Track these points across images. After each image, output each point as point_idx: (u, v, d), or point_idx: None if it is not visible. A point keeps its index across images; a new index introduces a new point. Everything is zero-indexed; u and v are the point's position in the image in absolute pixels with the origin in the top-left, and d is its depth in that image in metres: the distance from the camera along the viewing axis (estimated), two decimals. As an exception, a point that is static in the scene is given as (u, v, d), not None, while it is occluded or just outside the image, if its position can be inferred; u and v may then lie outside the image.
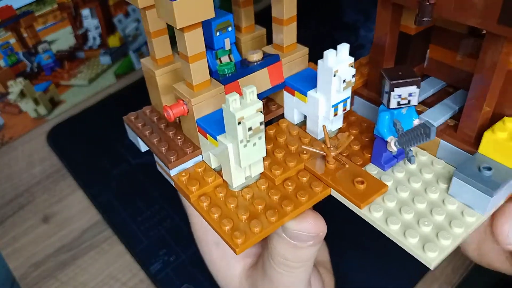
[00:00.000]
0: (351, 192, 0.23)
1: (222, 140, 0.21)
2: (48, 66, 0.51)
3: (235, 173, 0.22)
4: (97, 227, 0.47)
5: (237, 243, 0.20)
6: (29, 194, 0.49)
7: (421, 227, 0.21)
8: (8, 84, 0.48)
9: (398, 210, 0.22)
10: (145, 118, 0.27)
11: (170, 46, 0.25)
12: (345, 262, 0.44)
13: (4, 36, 0.45)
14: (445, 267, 0.45)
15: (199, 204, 0.23)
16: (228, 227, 0.21)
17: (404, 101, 0.20)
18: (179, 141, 0.25)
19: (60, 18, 0.48)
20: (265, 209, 0.22)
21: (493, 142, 0.19)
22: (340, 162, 0.23)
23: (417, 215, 0.21)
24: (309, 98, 0.23)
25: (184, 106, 0.22)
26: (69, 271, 0.44)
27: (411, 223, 0.21)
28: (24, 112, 0.52)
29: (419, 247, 0.21)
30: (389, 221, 0.22)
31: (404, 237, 0.22)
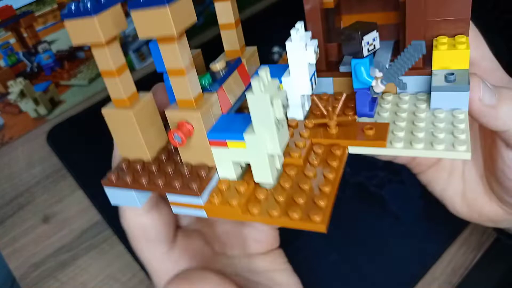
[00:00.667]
0: (369, 139, 0.23)
1: (252, 134, 0.19)
2: (48, 66, 0.51)
3: (271, 166, 0.21)
4: (97, 227, 0.47)
5: (321, 221, 0.19)
6: (29, 194, 0.49)
7: (437, 136, 0.23)
8: (8, 84, 0.48)
9: (410, 134, 0.24)
10: (127, 171, 0.22)
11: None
12: (345, 262, 0.44)
13: (4, 36, 0.45)
14: (445, 267, 0.45)
15: (249, 214, 0.20)
16: (298, 215, 0.19)
17: (371, 46, 0.23)
18: (186, 171, 0.21)
19: (60, 18, 0.48)
20: (310, 189, 0.21)
21: (440, 56, 0.24)
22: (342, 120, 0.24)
23: (425, 130, 0.24)
24: (284, 84, 0.24)
25: (188, 125, 0.20)
26: (69, 271, 0.44)
27: (427, 137, 0.23)
28: (24, 112, 0.52)
29: (449, 149, 0.22)
30: (413, 143, 0.23)
31: (433, 148, 0.23)
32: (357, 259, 0.44)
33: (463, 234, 0.47)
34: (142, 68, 0.60)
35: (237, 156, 0.20)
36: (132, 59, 0.58)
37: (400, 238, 0.46)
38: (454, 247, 0.46)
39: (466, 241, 0.47)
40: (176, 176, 0.21)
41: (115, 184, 0.22)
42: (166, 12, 0.17)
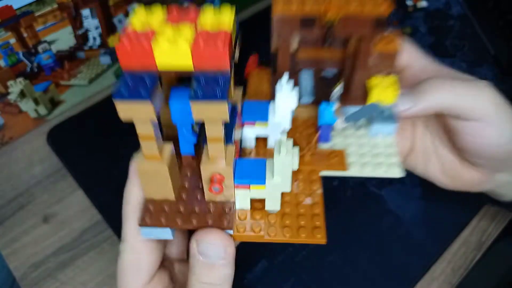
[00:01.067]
0: (335, 165, 0.29)
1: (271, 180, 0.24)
2: (48, 66, 0.51)
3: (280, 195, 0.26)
4: (97, 227, 0.47)
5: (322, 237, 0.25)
6: (29, 194, 0.49)
7: (377, 160, 0.30)
8: (8, 84, 0.48)
9: (359, 158, 0.30)
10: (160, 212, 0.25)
11: None
12: (345, 262, 0.44)
13: (4, 36, 0.45)
14: (445, 267, 0.45)
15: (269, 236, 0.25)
16: (304, 235, 0.25)
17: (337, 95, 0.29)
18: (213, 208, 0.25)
19: (60, 18, 0.48)
20: (306, 212, 0.26)
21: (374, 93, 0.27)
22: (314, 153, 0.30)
23: (369, 155, 0.30)
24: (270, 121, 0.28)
25: (220, 176, 0.23)
26: (69, 271, 0.44)
27: (371, 160, 0.30)
28: (24, 112, 0.52)
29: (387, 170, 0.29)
30: (363, 168, 0.29)
31: (378, 169, 0.29)
32: (357, 259, 0.44)
33: (462, 234, 0.47)
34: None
35: (256, 194, 0.25)
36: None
37: (400, 238, 0.46)
38: (453, 247, 0.46)
39: (465, 241, 0.47)
40: (205, 213, 0.24)
41: (151, 224, 0.24)
42: (225, 105, 0.20)
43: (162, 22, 0.21)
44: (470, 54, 0.61)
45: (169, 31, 0.20)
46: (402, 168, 0.30)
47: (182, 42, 0.19)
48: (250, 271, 0.44)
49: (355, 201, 0.48)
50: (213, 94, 0.20)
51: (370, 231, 0.46)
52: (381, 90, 0.27)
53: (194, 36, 0.20)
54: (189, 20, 0.21)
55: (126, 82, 0.21)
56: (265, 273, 0.44)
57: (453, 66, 0.62)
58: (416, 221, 0.47)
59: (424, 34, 0.64)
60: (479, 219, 0.48)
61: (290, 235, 0.25)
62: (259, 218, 0.26)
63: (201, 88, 0.20)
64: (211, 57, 0.20)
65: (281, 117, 0.27)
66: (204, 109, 0.20)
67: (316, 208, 0.26)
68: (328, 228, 0.29)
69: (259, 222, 0.26)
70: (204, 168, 0.23)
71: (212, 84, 0.20)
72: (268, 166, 0.25)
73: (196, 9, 0.21)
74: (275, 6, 0.27)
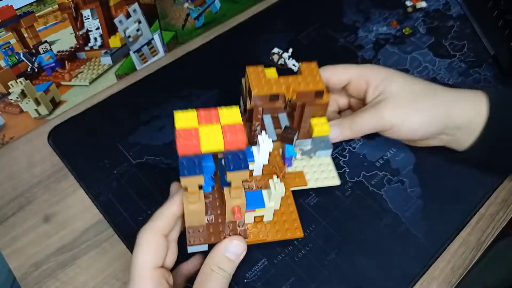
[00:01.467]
0: (299, 183, 0.42)
1: (268, 204, 0.37)
2: (49, 66, 0.51)
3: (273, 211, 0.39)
4: (98, 227, 0.47)
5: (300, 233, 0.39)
6: (30, 194, 0.49)
7: (323, 175, 0.44)
8: (9, 84, 0.48)
9: (312, 175, 0.43)
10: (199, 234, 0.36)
11: None
12: (345, 261, 0.44)
13: (4, 36, 0.45)
14: (444, 267, 0.45)
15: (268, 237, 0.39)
16: (290, 234, 0.39)
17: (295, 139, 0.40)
18: (231, 226, 0.36)
19: (61, 18, 0.48)
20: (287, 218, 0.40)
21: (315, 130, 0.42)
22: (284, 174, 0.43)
23: (318, 172, 0.44)
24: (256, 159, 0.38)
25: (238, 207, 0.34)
26: (69, 271, 0.44)
27: (320, 176, 0.43)
28: (25, 112, 0.52)
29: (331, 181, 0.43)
30: (316, 182, 0.43)
31: (325, 181, 0.43)
32: (356, 258, 0.45)
33: (462, 234, 0.47)
34: (142, 68, 0.60)
35: (258, 213, 0.38)
36: (133, 60, 0.58)
37: (400, 238, 0.46)
38: (453, 247, 0.47)
39: (465, 241, 0.47)
40: (228, 230, 0.36)
41: (195, 244, 0.35)
42: (247, 171, 0.31)
43: (197, 121, 0.31)
44: (469, 55, 0.62)
45: (206, 129, 0.31)
46: (338, 178, 0.44)
47: (218, 137, 0.30)
48: (250, 270, 0.44)
49: (354, 201, 0.48)
50: (239, 166, 0.31)
51: (370, 231, 0.46)
52: (319, 127, 0.41)
53: (222, 129, 0.31)
54: (214, 118, 0.32)
55: (183, 164, 0.30)
56: (265, 272, 0.44)
57: (453, 66, 0.62)
58: (415, 220, 0.47)
59: (424, 35, 0.64)
60: (478, 219, 0.48)
61: (281, 235, 0.39)
62: (260, 227, 0.39)
63: (231, 162, 0.31)
64: (235, 143, 0.31)
65: (263, 157, 0.38)
66: (235, 175, 0.31)
67: (293, 215, 0.40)
68: (328, 228, 0.45)
69: (260, 230, 0.39)
70: (229, 203, 0.34)
71: (237, 159, 0.31)
72: (264, 194, 0.38)
73: (215, 110, 0.32)
74: (253, 88, 0.38)
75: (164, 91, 0.57)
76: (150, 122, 0.54)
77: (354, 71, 0.45)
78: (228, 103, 0.56)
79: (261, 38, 0.63)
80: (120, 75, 0.59)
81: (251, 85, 0.38)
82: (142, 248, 0.33)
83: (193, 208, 0.33)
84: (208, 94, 0.57)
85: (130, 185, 0.49)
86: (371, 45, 0.63)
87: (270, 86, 0.38)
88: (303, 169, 0.44)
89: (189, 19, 0.61)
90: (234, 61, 0.61)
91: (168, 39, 0.61)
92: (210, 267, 0.33)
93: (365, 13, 0.67)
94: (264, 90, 0.38)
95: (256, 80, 0.38)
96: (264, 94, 0.38)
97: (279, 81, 0.39)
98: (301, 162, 0.44)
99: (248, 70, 0.39)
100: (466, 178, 0.50)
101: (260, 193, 0.38)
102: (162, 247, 0.33)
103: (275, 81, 0.39)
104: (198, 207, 0.33)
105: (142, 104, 0.56)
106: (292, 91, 0.38)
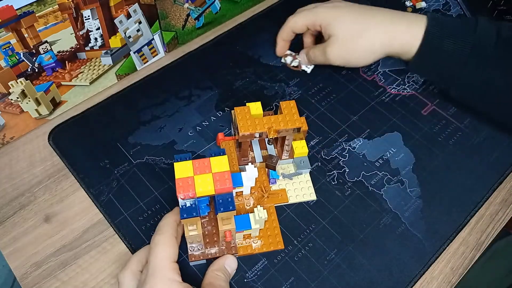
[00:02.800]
0: (282, 200, 0.48)
1: (253, 226, 0.43)
2: (49, 66, 0.51)
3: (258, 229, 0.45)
4: (98, 227, 0.47)
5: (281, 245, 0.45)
6: (30, 193, 0.49)
7: (303, 191, 0.49)
8: (9, 85, 0.49)
9: (293, 192, 0.49)
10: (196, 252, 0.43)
11: None
12: (344, 261, 0.44)
13: (4, 36, 0.45)
14: (444, 266, 0.46)
15: (256, 250, 0.45)
16: (273, 246, 0.45)
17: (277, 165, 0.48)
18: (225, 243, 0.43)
19: (61, 18, 0.48)
20: (272, 233, 0.46)
21: (296, 152, 0.48)
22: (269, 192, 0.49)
23: (298, 189, 0.49)
24: (244, 184, 0.43)
25: (229, 231, 0.41)
26: (70, 271, 0.44)
27: (300, 193, 0.49)
28: (25, 112, 0.52)
29: (309, 197, 0.49)
30: (296, 198, 0.48)
31: (305, 197, 0.48)
32: (356, 258, 0.45)
33: (461, 234, 0.47)
34: (143, 69, 0.61)
35: (246, 232, 0.44)
36: (134, 60, 0.58)
37: (399, 238, 0.46)
38: (452, 247, 0.47)
39: (465, 241, 0.47)
40: (223, 248, 0.43)
41: (196, 260, 0.43)
42: (234, 211, 0.38)
43: (192, 170, 0.38)
44: (469, 55, 0.62)
45: (200, 177, 0.38)
46: (315, 194, 0.49)
47: (210, 185, 0.37)
48: (250, 270, 0.44)
49: (354, 201, 0.48)
50: (228, 208, 0.38)
51: (369, 231, 0.46)
52: (299, 149, 0.48)
53: (213, 177, 0.38)
54: (207, 167, 0.38)
55: (182, 207, 0.37)
56: (265, 272, 0.44)
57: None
58: (415, 220, 0.47)
59: (424, 35, 0.64)
60: (478, 219, 0.48)
61: (266, 247, 0.45)
62: (248, 242, 0.45)
63: (221, 205, 0.38)
64: (224, 189, 0.38)
65: (250, 181, 0.44)
66: (225, 214, 0.39)
67: (276, 230, 0.46)
68: (328, 228, 0.47)
69: (248, 244, 0.45)
70: (221, 229, 0.40)
71: (226, 202, 0.38)
72: (250, 217, 0.43)
73: (207, 160, 0.39)
74: (240, 128, 0.45)
75: (164, 91, 0.57)
76: (150, 122, 0.54)
77: (309, 19, 0.55)
78: (228, 103, 0.56)
79: (261, 39, 0.63)
80: (121, 75, 0.59)
81: (238, 125, 0.45)
82: (162, 245, 0.39)
83: (193, 233, 0.40)
84: (208, 94, 0.57)
85: (130, 185, 0.49)
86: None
87: (254, 126, 0.45)
88: (285, 186, 0.49)
89: (189, 19, 0.61)
90: (234, 61, 0.61)
91: (168, 40, 0.61)
92: (215, 272, 0.41)
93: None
94: (249, 130, 0.44)
95: (243, 120, 0.45)
96: (249, 133, 0.45)
97: (262, 121, 0.45)
98: (284, 181, 0.49)
99: (236, 110, 0.46)
100: (466, 178, 0.50)
101: (247, 217, 0.43)
102: (175, 245, 0.40)
103: (259, 121, 0.45)
104: (197, 233, 0.40)
105: (142, 104, 0.56)
106: (273, 131, 0.45)
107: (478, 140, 0.53)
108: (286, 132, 0.45)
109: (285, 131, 0.45)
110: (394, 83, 0.59)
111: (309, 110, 0.56)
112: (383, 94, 0.58)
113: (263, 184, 0.48)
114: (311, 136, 0.54)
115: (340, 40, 0.52)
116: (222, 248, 0.43)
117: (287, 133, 0.46)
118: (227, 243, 0.43)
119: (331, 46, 0.53)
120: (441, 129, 0.54)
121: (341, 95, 0.58)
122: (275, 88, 0.58)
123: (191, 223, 0.39)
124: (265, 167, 0.49)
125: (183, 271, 0.39)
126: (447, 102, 0.56)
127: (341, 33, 0.52)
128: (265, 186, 0.48)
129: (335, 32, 0.53)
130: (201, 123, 0.54)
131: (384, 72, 0.60)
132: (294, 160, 0.49)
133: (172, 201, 0.48)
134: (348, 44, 0.52)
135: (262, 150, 0.51)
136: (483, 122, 0.55)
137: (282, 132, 0.45)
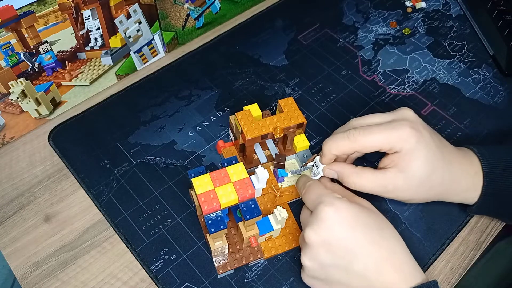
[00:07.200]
0: (294, 196, 0.48)
1: (275, 227, 0.43)
2: (49, 66, 0.51)
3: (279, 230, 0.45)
4: (98, 227, 0.47)
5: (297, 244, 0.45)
6: (30, 193, 0.49)
7: None
8: (9, 84, 0.49)
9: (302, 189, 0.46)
10: (222, 263, 0.43)
11: None
12: (345, 262, 0.44)
13: (4, 36, 0.45)
14: (444, 266, 0.46)
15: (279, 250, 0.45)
16: (295, 244, 0.45)
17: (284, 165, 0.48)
18: (250, 248, 0.44)
19: (62, 18, 0.48)
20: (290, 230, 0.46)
21: (297, 146, 0.49)
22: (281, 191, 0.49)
23: None
24: (256, 188, 0.43)
25: (254, 237, 0.42)
26: (70, 271, 0.44)
27: None
28: (25, 112, 0.52)
29: None
30: None
31: None
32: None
33: (461, 234, 0.47)
34: (143, 69, 0.61)
35: (269, 234, 0.44)
36: (134, 60, 0.58)
37: (399, 238, 0.46)
38: (452, 246, 0.47)
39: (464, 241, 0.47)
40: (248, 254, 0.44)
41: (223, 272, 0.43)
42: (260, 217, 0.39)
43: (211, 183, 0.38)
44: (469, 55, 0.62)
45: (221, 189, 0.38)
46: None
47: (232, 194, 0.38)
48: (250, 270, 0.44)
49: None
50: (254, 214, 0.39)
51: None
52: (301, 143, 0.49)
53: (234, 186, 0.39)
54: (225, 177, 0.39)
55: (209, 222, 0.38)
56: (265, 272, 0.44)
57: (452, 66, 0.62)
58: (414, 220, 0.47)
59: (423, 35, 0.64)
60: (478, 219, 0.49)
61: (289, 245, 0.45)
62: (271, 244, 0.45)
63: (246, 212, 0.39)
64: (247, 196, 0.39)
65: (262, 183, 0.43)
66: (251, 221, 0.40)
67: (294, 225, 0.46)
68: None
69: (272, 245, 0.45)
70: (245, 235, 0.41)
71: (250, 208, 0.39)
72: (270, 219, 0.43)
73: (224, 170, 0.39)
74: (246, 133, 0.44)
75: (164, 91, 0.57)
76: (150, 122, 0.54)
77: (380, 141, 0.42)
78: (228, 103, 0.56)
79: (261, 39, 0.63)
80: (121, 75, 0.59)
81: (244, 130, 0.44)
82: None
83: (218, 244, 0.41)
84: (208, 94, 0.57)
85: (130, 185, 0.49)
86: (370, 45, 0.63)
87: (259, 128, 0.45)
88: (293, 182, 0.49)
89: (189, 19, 0.61)
90: (234, 61, 0.61)
91: (168, 40, 0.61)
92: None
93: (365, 13, 0.67)
94: (255, 133, 0.44)
95: (247, 125, 0.45)
96: (256, 136, 0.44)
97: (266, 122, 0.45)
98: (291, 178, 0.50)
99: (237, 115, 0.45)
100: (466, 178, 0.50)
101: (267, 219, 0.43)
102: None
103: (263, 122, 0.45)
104: (222, 244, 0.41)
105: (142, 104, 0.56)
106: (280, 130, 0.45)
107: (478, 140, 0.53)
108: (291, 129, 0.46)
109: (290, 129, 0.46)
110: (394, 83, 0.59)
111: (309, 110, 0.56)
112: (383, 94, 0.58)
113: (272, 183, 0.48)
114: (311, 136, 0.54)
115: (408, 180, 0.42)
116: (248, 253, 0.43)
117: (292, 129, 0.46)
118: (251, 249, 0.43)
119: (398, 181, 0.42)
120: (441, 129, 0.54)
121: (341, 95, 0.58)
122: (275, 88, 0.58)
123: (216, 236, 0.39)
124: (271, 167, 0.49)
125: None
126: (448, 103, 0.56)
127: (414, 174, 0.42)
128: (274, 185, 0.48)
129: (412, 166, 0.42)
130: (201, 123, 0.54)
131: (384, 72, 0.60)
132: (297, 154, 0.50)
133: (172, 201, 0.48)
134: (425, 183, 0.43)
135: (264, 150, 0.50)
136: (483, 123, 0.55)
137: (287, 129, 0.46)
